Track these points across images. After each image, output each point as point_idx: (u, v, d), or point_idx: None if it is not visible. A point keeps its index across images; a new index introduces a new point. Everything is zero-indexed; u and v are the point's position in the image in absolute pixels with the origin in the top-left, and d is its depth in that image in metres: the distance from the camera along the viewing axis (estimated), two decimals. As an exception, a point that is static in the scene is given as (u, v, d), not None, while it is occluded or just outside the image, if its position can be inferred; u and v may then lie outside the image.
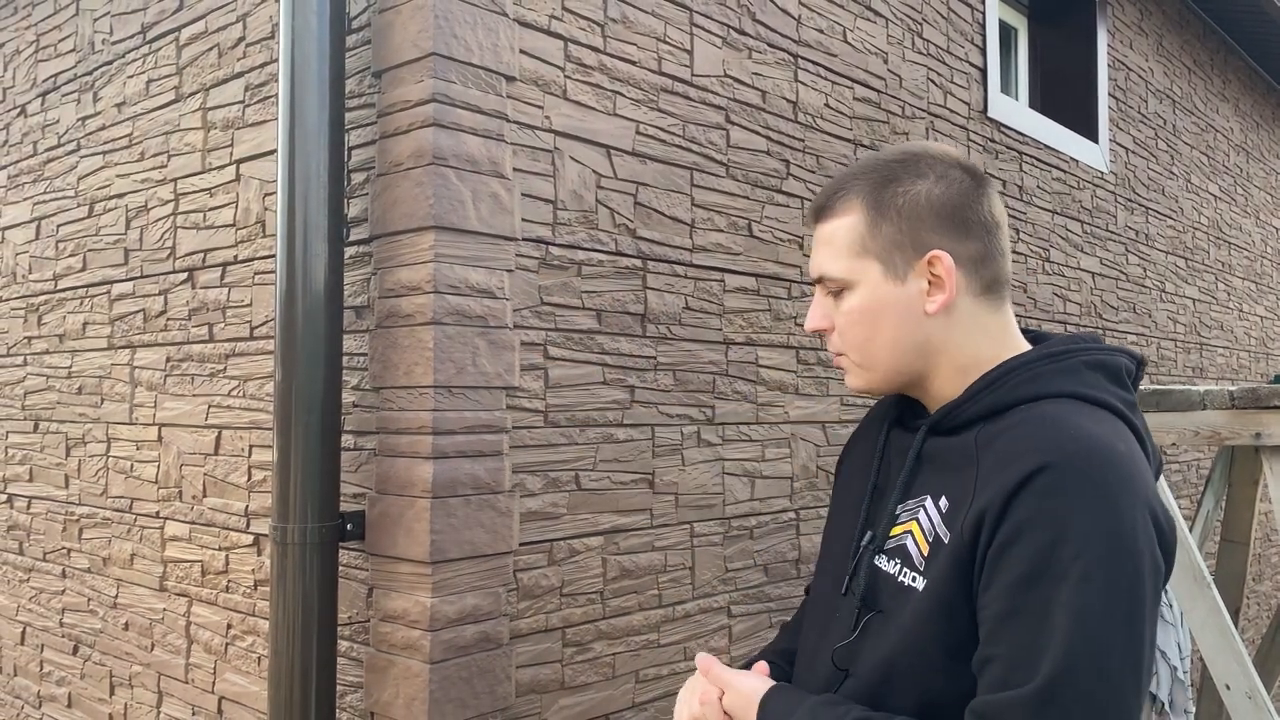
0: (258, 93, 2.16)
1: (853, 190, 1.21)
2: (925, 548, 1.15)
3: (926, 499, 1.18)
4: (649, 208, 2.20)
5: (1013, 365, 1.18)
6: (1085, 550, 1.00)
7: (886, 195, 1.19)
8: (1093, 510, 1.02)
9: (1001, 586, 1.04)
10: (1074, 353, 1.19)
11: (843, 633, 1.22)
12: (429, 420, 1.77)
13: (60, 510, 2.79)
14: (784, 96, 2.57)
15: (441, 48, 1.79)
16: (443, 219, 1.78)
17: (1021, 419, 1.12)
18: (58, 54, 2.84)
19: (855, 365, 1.25)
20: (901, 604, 1.15)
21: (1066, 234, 3.98)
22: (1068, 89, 4.33)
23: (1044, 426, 1.09)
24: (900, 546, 1.18)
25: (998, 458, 1.10)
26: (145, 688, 2.45)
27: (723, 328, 2.38)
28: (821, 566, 1.42)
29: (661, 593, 2.22)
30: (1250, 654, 3.25)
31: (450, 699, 1.79)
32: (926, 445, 1.22)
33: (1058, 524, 1.01)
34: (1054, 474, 1.03)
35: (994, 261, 1.21)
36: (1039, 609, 1.01)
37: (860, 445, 1.42)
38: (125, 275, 2.55)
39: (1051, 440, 1.06)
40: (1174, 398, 2.98)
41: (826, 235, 1.23)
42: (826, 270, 1.22)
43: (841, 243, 1.21)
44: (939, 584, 1.10)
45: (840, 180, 1.24)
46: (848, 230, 1.20)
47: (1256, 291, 6.03)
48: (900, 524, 1.20)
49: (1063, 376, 1.16)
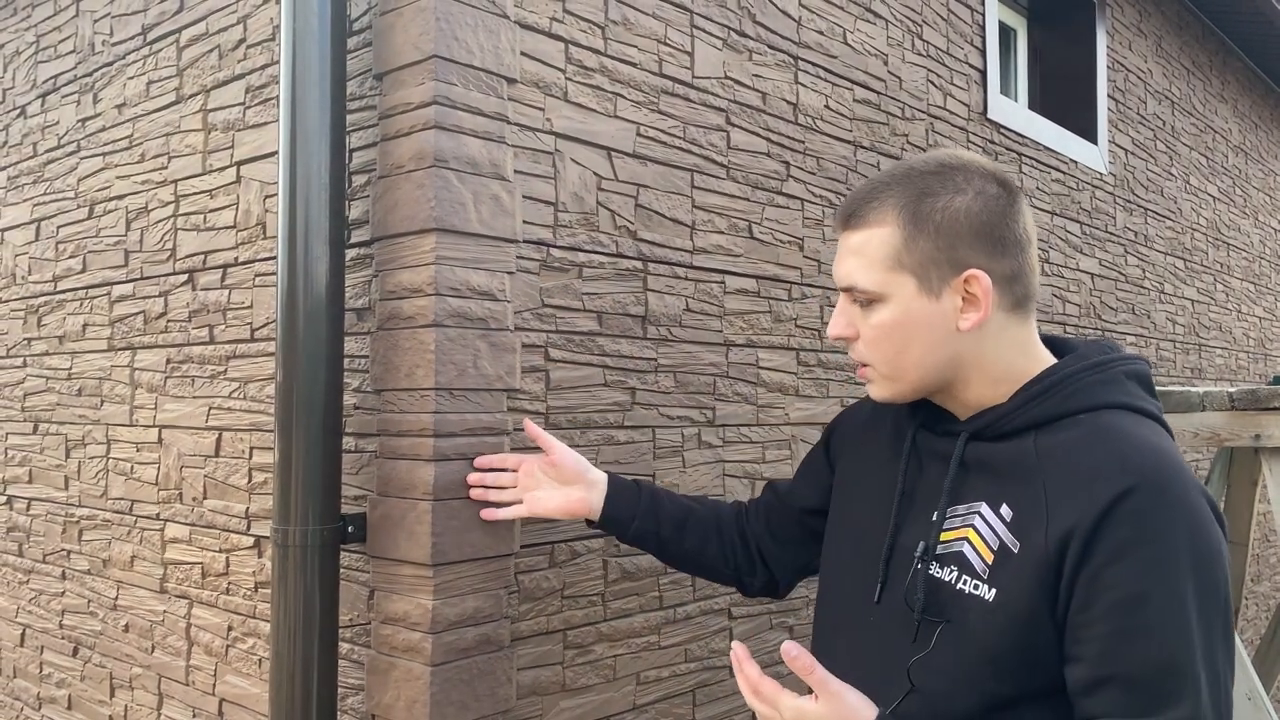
0: (258, 94, 2.16)
1: (887, 201, 1.18)
2: (989, 555, 1.14)
3: (981, 505, 1.17)
4: (649, 209, 2.20)
5: (1061, 376, 1.18)
6: (1190, 564, 1.03)
7: (924, 209, 1.17)
8: (1187, 524, 1.05)
9: (1109, 605, 1.04)
10: (1113, 363, 1.20)
11: (895, 643, 1.19)
12: (430, 422, 1.77)
13: (60, 512, 2.79)
14: (784, 98, 2.58)
15: (443, 50, 1.79)
16: (444, 221, 1.79)
17: (1086, 431, 1.13)
18: (58, 55, 2.84)
19: (882, 377, 1.23)
20: (964, 611, 1.14)
21: (1066, 235, 3.98)
22: (1067, 90, 4.33)
23: (1116, 441, 1.11)
24: (956, 553, 1.17)
25: (1072, 472, 1.10)
26: (145, 690, 2.45)
27: (723, 329, 2.38)
28: (832, 562, 1.39)
29: (662, 595, 2.22)
30: (1249, 655, 3.25)
31: (451, 701, 1.79)
32: (969, 451, 1.21)
33: (1161, 541, 1.04)
34: (1146, 493, 1.05)
35: (1026, 278, 1.21)
36: (1156, 630, 1.02)
37: (868, 445, 1.40)
38: (125, 277, 2.55)
39: (1129, 458, 1.08)
40: (1173, 399, 2.98)
41: (858, 245, 1.20)
42: (858, 282, 1.20)
43: (875, 254, 1.18)
44: (1018, 595, 1.10)
45: (874, 188, 1.20)
46: (881, 242, 1.18)
47: (1255, 292, 6.04)
48: (952, 530, 1.18)
49: (1110, 387, 1.18)
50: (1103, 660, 1.05)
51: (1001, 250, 1.18)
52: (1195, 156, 5.25)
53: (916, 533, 1.23)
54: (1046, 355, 1.24)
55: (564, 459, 1.73)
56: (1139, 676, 1.03)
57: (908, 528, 1.24)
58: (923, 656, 1.16)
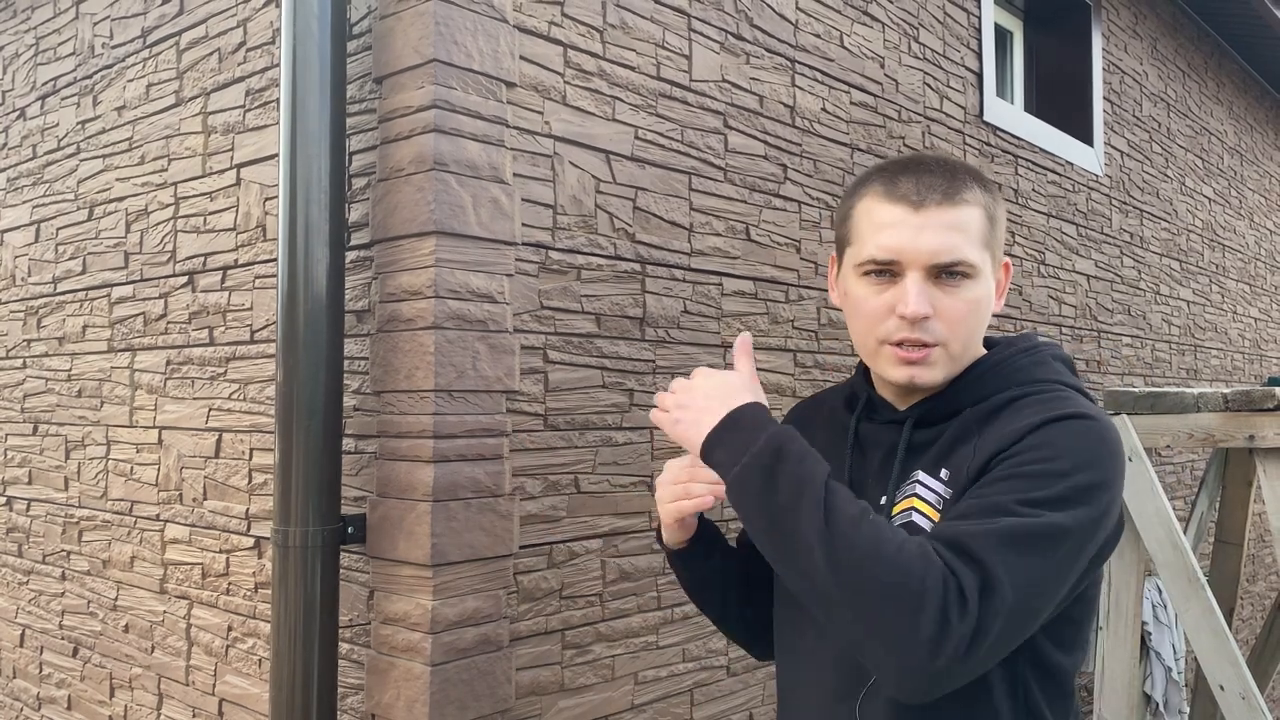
0: (258, 97, 2.17)
1: (970, 184, 1.23)
2: (935, 515, 1.19)
3: (918, 474, 1.22)
4: (647, 212, 2.22)
5: (996, 360, 1.26)
6: (1076, 478, 1.08)
7: (992, 198, 1.25)
8: (1092, 451, 1.10)
9: (991, 477, 1.10)
10: (1041, 348, 1.28)
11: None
12: (430, 424, 1.78)
13: (60, 513, 2.79)
14: (781, 101, 2.59)
15: (442, 54, 1.80)
16: (443, 224, 1.80)
17: (1020, 398, 1.20)
18: (57, 57, 2.85)
19: (949, 358, 1.22)
20: None
21: (1062, 237, 4.00)
22: (1063, 93, 4.35)
23: (1050, 398, 1.18)
24: (907, 524, 1.20)
25: (1005, 423, 1.17)
26: (145, 690, 2.46)
27: (721, 331, 2.39)
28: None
29: (660, 595, 2.23)
30: (1244, 655, 3.27)
31: (451, 701, 1.80)
32: (914, 436, 1.25)
33: (1063, 452, 1.09)
34: (1073, 423, 1.12)
35: None
36: (1021, 498, 1.06)
37: (810, 441, 1.41)
38: (125, 279, 2.56)
39: (1061, 406, 1.15)
40: (1168, 400, 3.00)
41: (957, 221, 1.20)
42: (966, 255, 1.20)
43: (974, 231, 1.21)
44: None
45: (949, 168, 1.24)
46: (977, 221, 1.22)
47: (1250, 294, 6.06)
48: (896, 506, 1.23)
49: (1042, 368, 1.25)
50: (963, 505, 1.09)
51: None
52: (1191, 158, 5.27)
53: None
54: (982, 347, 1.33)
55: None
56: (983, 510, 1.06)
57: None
58: None
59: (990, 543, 1.02)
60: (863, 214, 1.24)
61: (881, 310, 1.21)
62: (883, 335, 1.21)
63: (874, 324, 1.22)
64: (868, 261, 1.21)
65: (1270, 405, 2.83)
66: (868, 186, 1.25)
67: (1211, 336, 5.46)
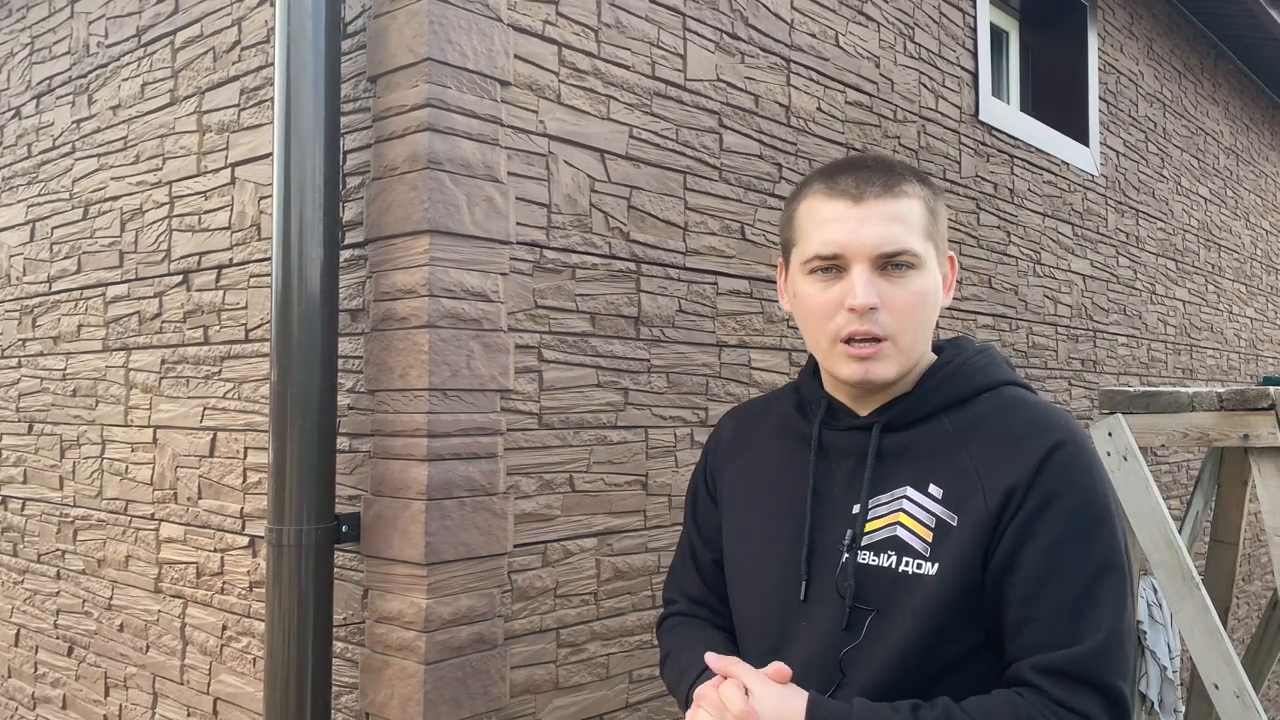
0: (253, 96, 2.17)
1: (909, 177, 1.25)
2: (927, 534, 1.18)
3: (906, 489, 1.21)
4: (642, 211, 2.22)
5: (959, 362, 1.29)
6: (1102, 507, 1.16)
7: (934, 192, 1.28)
8: (1096, 475, 1.17)
9: (1037, 550, 1.13)
10: (987, 349, 1.33)
11: (825, 637, 1.20)
12: (424, 423, 1.78)
13: (55, 512, 2.79)
14: (777, 100, 2.59)
15: (436, 53, 1.80)
16: (438, 223, 1.80)
17: (993, 405, 1.24)
18: (52, 56, 2.85)
19: (899, 351, 1.21)
20: (908, 592, 1.17)
21: (1058, 236, 4.00)
22: (1059, 92, 4.35)
23: (1026, 409, 1.23)
24: (891, 539, 1.19)
25: (996, 440, 1.19)
26: (140, 689, 2.46)
27: (716, 330, 2.40)
28: (744, 574, 1.35)
29: (655, 594, 2.23)
30: (1239, 654, 3.27)
31: (445, 700, 1.80)
32: (883, 442, 1.24)
33: (1080, 489, 1.15)
34: (1069, 448, 1.17)
35: None
36: (1079, 566, 1.12)
37: (756, 452, 1.39)
38: (120, 278, 2.55)
39: (1045, 421, 1.20)
40: (1163, 399, 3.00)
41: (899, 212, 1.21)
42: (909, 244, 1.20)
43: (915, 222, 1.22)
44: (961, 562, 1.15)
45: (892, 164, 1.26)
46: (918, 213, 1.23)
47: (1246, 294, 6.07)
48: (879, 518, 1.21)
49: (997, 369, 1.30)
50: (1029, 602, 1.12)
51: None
52: (1186, 158, 5.27)
53: (837, 526, 1.24)
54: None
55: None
56: (1063, 611, 1.11)
57: (824, 524, 1.25)
58: (856, 646, 1.18)
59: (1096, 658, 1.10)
60: (805, 214, 1.25)
61: (830, 306, 1.20)
62: (833, 332, 1.21)
63: (824, 321, 1.21)
64: (813, 258, 1.21)
65: (1265, 405, 2.84)
66: (809, 188, 1.27)
67: (1207, 336, 5.47)
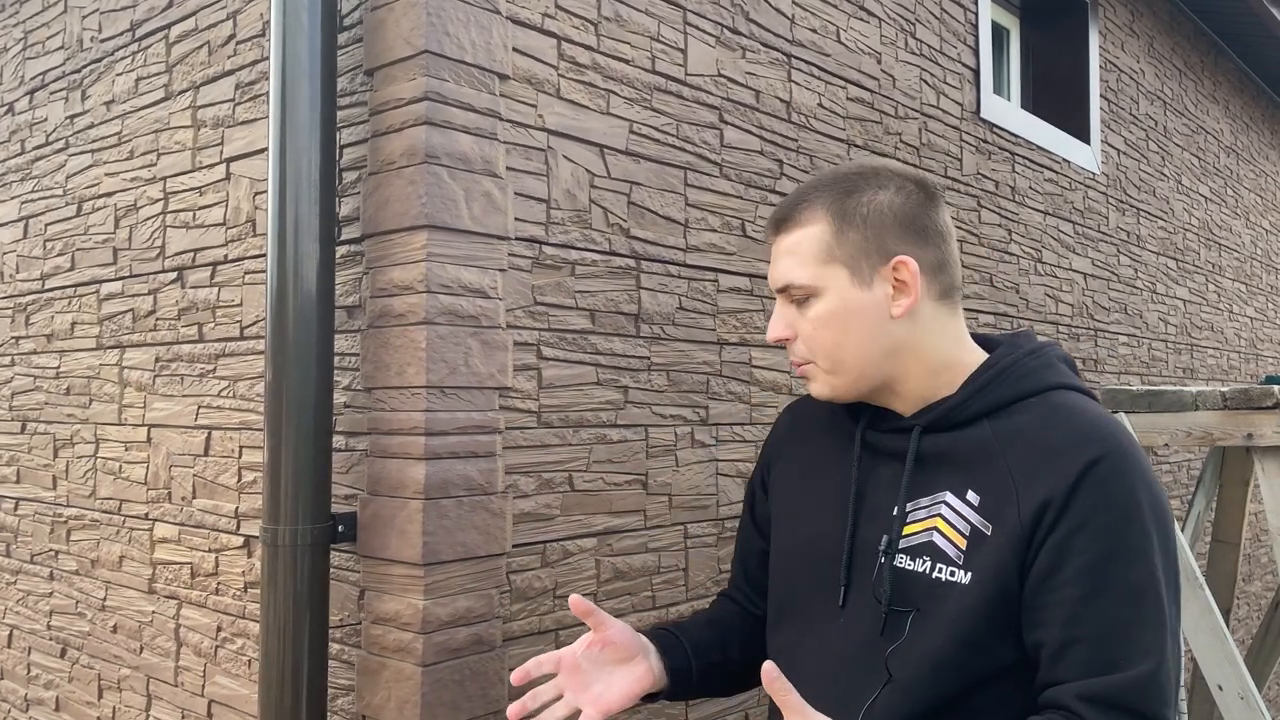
0: (248, 91, 2.14)
1: (815, 201, 1.25)
2: (961, 541, 1.17)
3: (945, 494, 1.20)
4: (642, 207, 2.19)
5: (1006, 364, 1.25)
6: (1146, 525, 1.11)
7: (851, 204, 1.24)
8: (1141, 488, 1.13)
9: (1077, 569, 1.10)
10: (1045, 349, 1.29)
11: (863, 638, 1.20)
12: (421, 421, 1.76)
13: (48, 512, 2.77)
14: (778, 96, 2.57)
15: (434, 46, 1.78)
16: (435, 218, 1.77)
17: (1040, 413, 1.20)
18: (46, 51, 2.82)
19: (823, 372, 1.26)
20: (941, 599, 1.16)
21: (1059, 235, 3.99)
22: (1060, 90, 4.34)
23: (1071, 417, 1.19)
24: (927, 544, 1.19)
25: (1036, 450, 1.16)
26: (134, 691, 2.43)
27: (716, 328, 2.37)
28: (786, 572, 1.37)
29: (655, 594, 2.21)
30: (1241, 654, 3.26)
31: (442, 702, 1.78)
32: (923, 444, 1.22)
33: (1121, 506, 1.11)
34: (1109, 461, 1.12)
35: (950, 268, 1.29)
36: (1122, 588, 1.08)
37: (798, 456, 1.41)
38: (114, 275, 2.53)
39: (1088, 431, 1.16)
40: (1166, 398, 2.98)
41: (790, 245, 1.26)
42: (793, 278, 1.25)
43: (807, 251, 1.24)
44: (994, 574, 1.13)
45: (801, 192, 1.28)
46: (813, 239, 1.24)
47: (1247, 293, 6.06)
48: (917, 522, 1.20)
49: (1050, 371, 1.26)
50: (1070, 623, 1.09)
51: (925, 239, 1.25)
52: (1187, 157, 5.26)
53: (876, 529, 1.25)
54: (975, 347, 1.31)
55: (622, 635, 1.39)
56: (1106, 635, 1.08)
57: (865, 526, 1.26)
58: (899, 644, 1.18)
59: (1142, 687, 1.06)
60: None
61: None
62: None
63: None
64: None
65: (1269, 403, 2.82)
66: None
67: (1208, 335, 5.45)
